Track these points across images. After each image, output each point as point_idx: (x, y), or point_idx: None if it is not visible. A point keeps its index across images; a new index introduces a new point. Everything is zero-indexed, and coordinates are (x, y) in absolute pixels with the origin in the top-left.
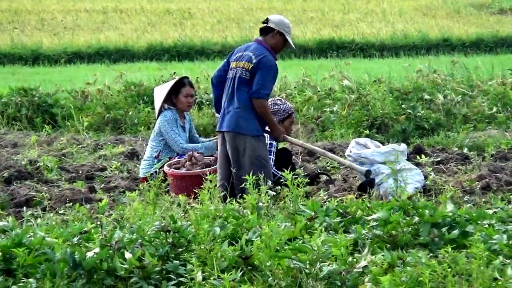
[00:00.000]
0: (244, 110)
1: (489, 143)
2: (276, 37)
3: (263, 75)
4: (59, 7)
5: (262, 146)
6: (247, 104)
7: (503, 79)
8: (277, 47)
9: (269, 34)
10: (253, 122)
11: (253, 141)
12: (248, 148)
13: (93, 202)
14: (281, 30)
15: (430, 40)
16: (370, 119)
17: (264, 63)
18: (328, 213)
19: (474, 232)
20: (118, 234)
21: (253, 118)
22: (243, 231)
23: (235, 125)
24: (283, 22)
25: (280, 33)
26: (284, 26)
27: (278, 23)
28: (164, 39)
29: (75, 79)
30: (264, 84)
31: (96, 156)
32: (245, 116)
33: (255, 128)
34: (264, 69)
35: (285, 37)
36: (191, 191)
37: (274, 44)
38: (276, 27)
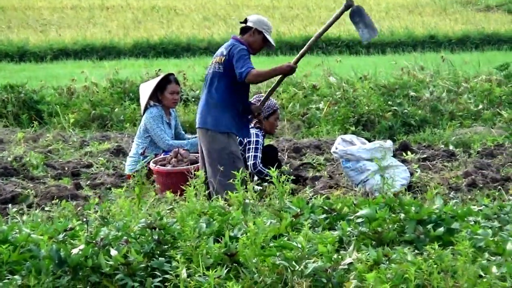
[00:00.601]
0: (216, 106)
1: (475, 140)
2: (255, 35)
3: (238, 58)
4: (45, 4)
5: (233, 142)
6: (220, 99)
7: (489, 76)
8: (255, 45)
9: (247, 33)
10: (224, 119)
11: (223, 138)
12: (219, 145)
13: (79, 199)
14: (259, 28)
15: (416, 37)
16: (356, 115)
17: (233, 49)
18: (314, 210)
19: (460, 229)
20: (104, 231)
21: (225, 115)
22: (229, 228)
23: (205, 122)
24: (261, 20)
25: (258, 31)
26: (262, 25)
27: (255, 22)
28: (150, 36)
29: (61, 76)
30: (243, 63)
31: (82, 152)
32: (216, 112)
33: (226, 125)
34: (236, 53)
35: (264, 36)
36: (177, 188)
37: (252, 42)
38: (254, 25)
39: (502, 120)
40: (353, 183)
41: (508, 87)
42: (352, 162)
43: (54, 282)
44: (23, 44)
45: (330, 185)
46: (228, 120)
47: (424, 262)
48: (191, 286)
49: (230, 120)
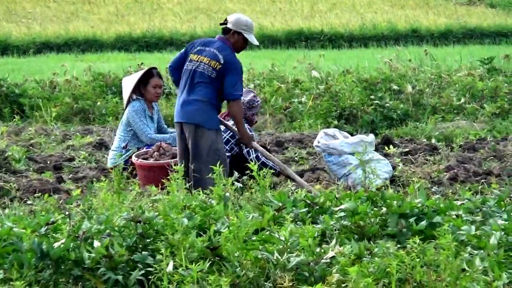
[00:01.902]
0: (206, 103)
1: (458, 134)
2: (234, 36)
3: (234, 77)
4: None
5: (220, 140)
6: (209, 99)
7: (471, 70)
8: (238, 47)
9: (228, 33)
10: (213, 116)
11: (212, 134)
12: (207, 142)
13: (61, 193)
14: (238, 30)
15: (399, 31)
16: (338, 109)
17: (233, 64)
18: (296, 204)
19: (442, 223)
20: (86, 224)
21: (214, 112)
22: (211, 222)
23: (196, 118)
24: (240, 21)
25: (237, 33)
26: (240, 25)
27: (234, 23)
28: (132, 30)
29: (44, 70)
30: (237, 86)
31: (64, 146)
32: (206, 109)
33: (215, 122)
34: (234, 70)
35: (244, 36)
36: (159, 181)
37: (234, 43)
38: (233, 27)
39: (485, 114)
40: (336, 177)
41: (491, 81)
42: (335, 156)
43: (36, 276)
44: (5, 38)
45: (313, 179)
46: (216, 119)
47: (406, 256)
48: (174, 280)
49: (216, 117)
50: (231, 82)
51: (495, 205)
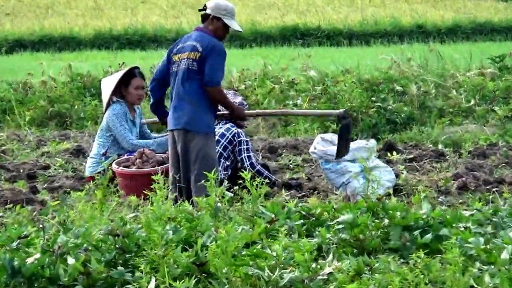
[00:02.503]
0: (195, 105)
1: (466, 138)
2: (214, 22)
3: (213, 62)
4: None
5: (211, 144)
6: (198, 97)
7: (481, 69)
8: (219, 33)
9: (207, 20)
10: (203, 119)
11: (202, 139)
12: (196, 146)
13: (35, 204)
14: (217, 15)
15: (403, 26)
16: None
17: (211, 48)
18: (290, 216)
19: (449, 236)
20: (62, 238)
21: (204, 114)
22: (198, 235)
23: (185, 123)
24: (219, 5)
25: (217, 18)
26: (219, 10)
27: (213, 8)
28: (113, 26)
29: (17, 70)
30: (216, 71)
31: (38, 153)
32: (196, 112)
33: (206, 125)
34: (213, 55)
35: (224, 22)
36: (142, 191)
37: (214, 30)
38: (212, 12)
39: (496, 117)
40: (334, 186)
41: (503, 81)
42: (333, 163)
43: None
44: None
45: (309, 188)
46: (206, 120)
47: (410, 272)
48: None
49: (208, 119)
50: (210, 66)
51: (507, 216)
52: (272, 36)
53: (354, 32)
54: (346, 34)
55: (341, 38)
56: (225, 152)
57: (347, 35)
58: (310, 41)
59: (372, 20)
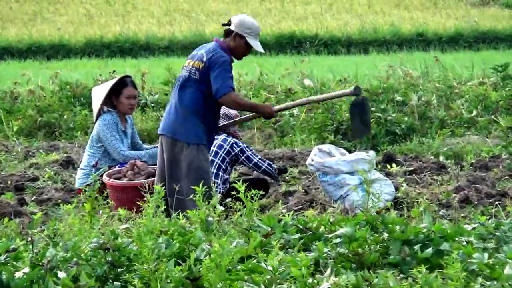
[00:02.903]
0: (187, 113)
1: (468, 150)
2: (236, 40)
3: (217, 72)
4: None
5: (202, 156)
6: (190, 106)
7: (483, 79)
8: (238, 51)
9: (230, 36)
10: (194, 129)
11: (192, 149)
12: (187, 158)
13: (23, 216)
14: (240, 32)
15: (403, 34)
16: (335, 123)
17: (215, 59)
18: (287, 229)
19: (451, 250)
20: (51, 252)
21: (195, 124)
22: (191, 249)
23: (173, 130)
24: (244, 22)
25: (240, 36)
26: (244, 28)
27: (237, 24)
28: (104, 33)
29: (4, 78)
30: (223, 80)
31: (27, 164)
32: (186, 120)
33: (196, 135)
34: (217, 65)
35: (247, 41)
36: (134, 203)
37: (234, 47)
38: (235, 28)
39: (499, 128)
40: (331, 199)
41: (506, 91)
42: (330, 175)
43: None
44: None
45: (306, 201)
46: (199, 131)
47: (410, 287)
48: None
49: (201, 131)
50: (214, 78)
51: (510, 230)
52: (268, 44)
53: (352, 40)
54: (345, 42)
55: (339, 46)
56: (223, 164)
57: (346, 43)
58: (307, 49)
59: (371, 28)
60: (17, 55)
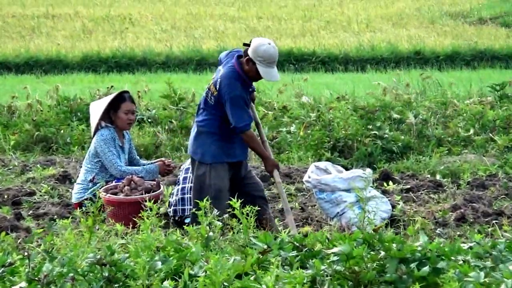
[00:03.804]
0: (201, 134)
1: (465, 169)
2: (250, 65)
3: (232, 108)
4: None
5: (216, 175)
6: (205, 128)
7: (480, 98)
8: (251, 75)
9: (246, 57)
10: (209, 147)
11: (206, 168)
12: (200, 176)
13: (20, 231)
14: (253, 59)
15: (400, 52)
16: (331, 140)
17: (225, 92)
18: (283, 246)
19: (447, 269)
20: (47, 267)
21: (211, 144)
22: (187, 265)
23: (191, 150)
24: (257, 49)
25: (252, 61)
26: (256, 55)
27: (252, 50)
28: (101, 48)
29: (1, 92)
30: (239, 117)
31: (23, 179)
32: (202, 140)
33: (211, 155)
34: (228, 100)
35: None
36: (130, 219)
37: (247, 71)
38: (250, 53)
39: (496, 147)
40: (328, 216)
41: (503, 110)
42: (327, 193)
43: None
44: None
45: (302, 218)
46: (214, 149)
47: None
48: None
49: (214, 150)
50: (231, 114)
51: (506, 250)
52: None
53: (349, 58)
54: (342, 60)
55: (336, 64)
56: None
57: (343, 61)
58: (305, 67)
59: (368, 46)
60: (14, 70)
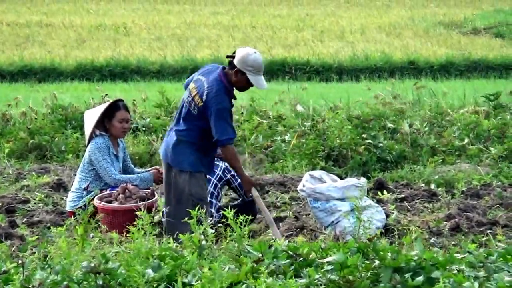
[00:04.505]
0: (181, 142)
1: (460, 178)
2: (238, 75)
3: (217, 121)
4: None
5: (196, 183)
6: (186, 137)
7: (474, 107)
8: (240, 85)
9: (233, 69)
10: (189, 157)
11: (185, 176)
12: (180, 185)
13: (14, 238)
14: (242, 69)
15: (394, 62)
16: (326, 149)
17: (213, 104)
18: (277, 255)
19: (441, 278)
20: (41, 274)
21: (190, 153)
22: (182, 273)
23: (169, 157)
24: (246, 60)
25: (241, 72)
26: (245, 65)
27: (239, 60)
28: (95, 57)
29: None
30: (224, 130)
31: (18, 186)
32: (182, 148)
33: (189, 163)
34: (214, 112)
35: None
36: (125, 227)
37: (235, 82)
38: (238, 64)
39: (490, 156)
40: (322, 225)
41: (497, 120)
42: (321, 201)
43: None
44: None
45: (296, 227)
46: (193, 159)
47: None
48: None
49: (194, 159)
50: (215, 126)
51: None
52: None
53: (344, 67)
54: (336, 69)
55: (331, 73)
56: (215, 191)
57: (337, 70)
58: (299, 76)
59: (362, 55)
60: (8, 78)
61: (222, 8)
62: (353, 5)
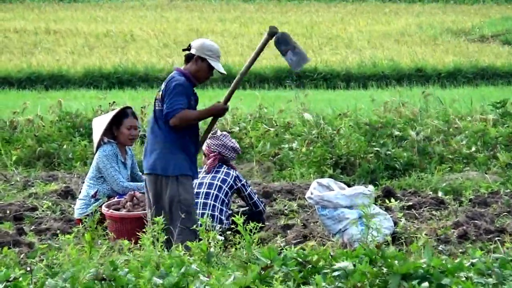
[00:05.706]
0: (163, 146)
1: (467, 186)
2: (198, 63)
3: (169, 95)
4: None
5: (184, 188)
6: (165, 138)
7: (482, 115)
8: (201, 75)
9: (191, 60)
10: (172, 161)
11: (173, 182)
12: (167, 191)
13: (22, 246)
14: (201, 55)
15: (402, 69)
16: (334, 157)
17: (168, 85)
18: (286, 262)
19: (450, 285)
20: (50, 282)
21: (173, 157)
22: (189, 281)
23: (153, 167)
24: (205, 45)
25: (201, 59)
26: (205, 50)
27: (198, 48)
28: (103, 64)
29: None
30: (173, 102)
31: (25, 194)
32: (164, 153)
33: (176, 167)
34: (169, 91)
35: (209, 63)
36: (133, 235)
37: (195, 71)
38: (196, 52)
39: (498, 164)
40: (330, 233)
41: (505, 128)
42: (329, 209)
43: None
44: None
45: (304, 234)
46: (178, 162)
47: None
48: None
49: (178, 161)
50: (167, 102)
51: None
52: (266, 77)
53: (351, 75)
54: (343, 77)
55: (338, 81)
56: (226, 199)
57: (344, 78)
58: (306, 83)
59: (370, 63)
60: (16, 85)
61: (229, 16)
62: (361, 12)
